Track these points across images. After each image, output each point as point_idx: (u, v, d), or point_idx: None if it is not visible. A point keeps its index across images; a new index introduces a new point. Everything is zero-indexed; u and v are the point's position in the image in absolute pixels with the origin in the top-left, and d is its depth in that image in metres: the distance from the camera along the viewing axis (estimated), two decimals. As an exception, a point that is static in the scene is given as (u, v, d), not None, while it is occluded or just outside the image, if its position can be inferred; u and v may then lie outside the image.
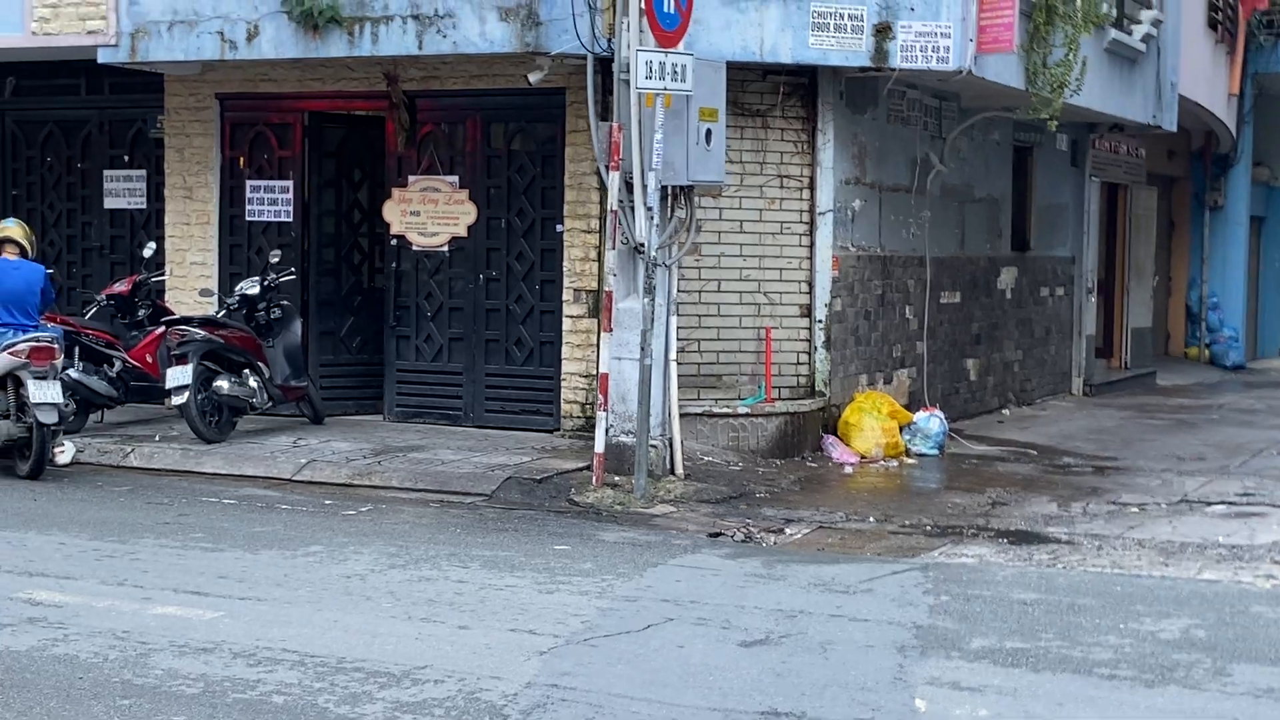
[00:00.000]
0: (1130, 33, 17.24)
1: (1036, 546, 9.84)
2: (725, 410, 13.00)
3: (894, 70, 12.86)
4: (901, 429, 13.82)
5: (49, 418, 11.37)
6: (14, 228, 12.32)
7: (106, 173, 15.32)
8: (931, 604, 7.98)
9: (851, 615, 7.72)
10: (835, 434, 13.58)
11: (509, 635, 7.23)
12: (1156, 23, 17.90)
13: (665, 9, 11.10)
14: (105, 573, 8.45)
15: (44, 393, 11.38)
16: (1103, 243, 21.26)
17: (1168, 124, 19.18)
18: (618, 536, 9.86)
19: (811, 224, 13.59)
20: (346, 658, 6.79)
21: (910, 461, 13.53)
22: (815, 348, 13.62)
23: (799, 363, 13.61)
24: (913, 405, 14.65)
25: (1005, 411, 17.41)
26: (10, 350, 11.48)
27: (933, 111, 15.39)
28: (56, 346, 11.60)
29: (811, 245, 13.60)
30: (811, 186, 13.59)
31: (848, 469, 12.97)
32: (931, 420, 14.06)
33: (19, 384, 11.50)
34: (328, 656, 6.81)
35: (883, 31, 12.73)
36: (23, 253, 12.27)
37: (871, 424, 13.54)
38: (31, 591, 7.93)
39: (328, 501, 10.98)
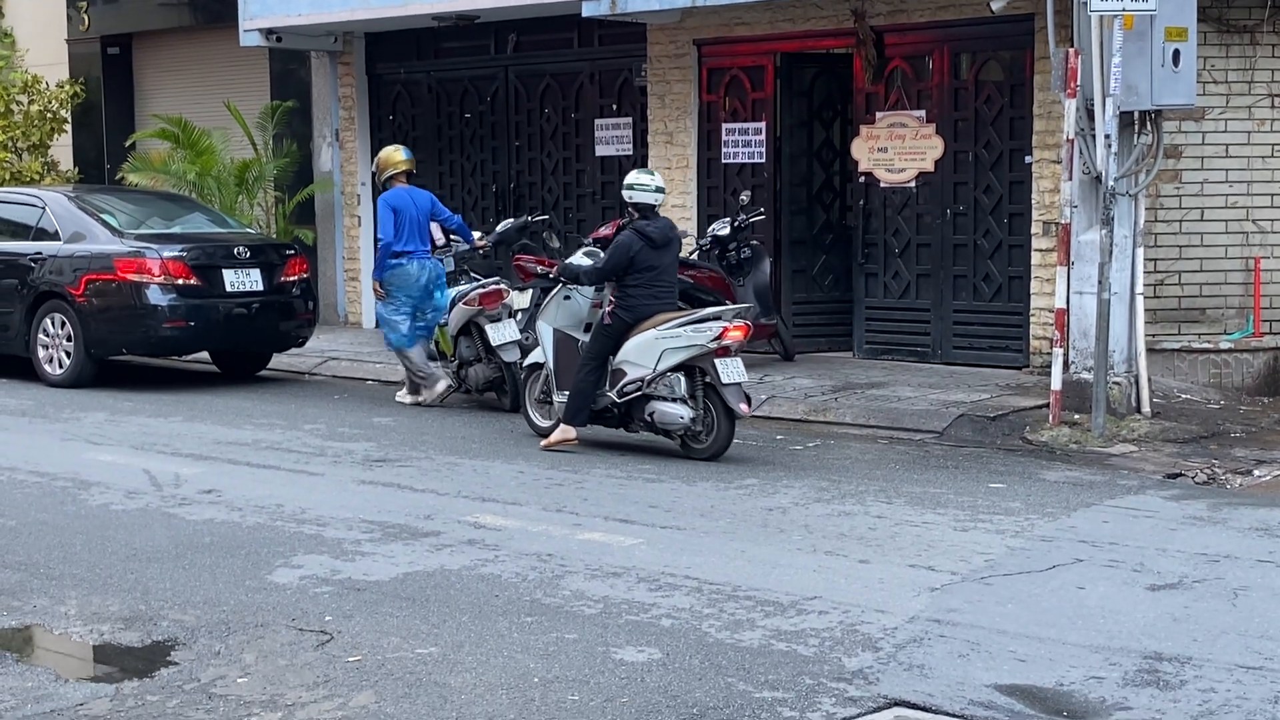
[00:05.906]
0: None
1: None
2: (1206, 345, 12.33)
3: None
4: None
5: (511, 356, 12.11)
6: (405, 159, 12.66)
7: (597, 121, 16.03)
8: (1382, 553, 7.38)
9: (1282, 562, 7.26)
10: (1336, 370, 12.63)
11: (907, 570, 7.20)
12: None
13: (1122, -75, 10.57)
14: (549, 500, 8.95)
15: (501, 334, 12.13)
16: None
17: None
18: (1061, 476, 9.58)
19: (1308, 144, 12.65)
20: (742, 586, 6.96)
21: None
22: (1313, 278, 12.71)
23: (1293, 295, 12.72)
24: None
25: None
26: (464, 301, 12.21)
27: None
28: (504, 287, 12.30)
29: (1308, 167, 12.67)
30: (1308, 105, 12.64)
31: (1345, 408, 12.04)
32: None
33: (481, 330, 12.25)
34: (724, 584, 7.00)
35: (1388, -67, 11.67)
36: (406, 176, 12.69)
37: (1378, 360, 12.50)
38: (478, 515, 8.50)
39: (779, 436, 11.17)
